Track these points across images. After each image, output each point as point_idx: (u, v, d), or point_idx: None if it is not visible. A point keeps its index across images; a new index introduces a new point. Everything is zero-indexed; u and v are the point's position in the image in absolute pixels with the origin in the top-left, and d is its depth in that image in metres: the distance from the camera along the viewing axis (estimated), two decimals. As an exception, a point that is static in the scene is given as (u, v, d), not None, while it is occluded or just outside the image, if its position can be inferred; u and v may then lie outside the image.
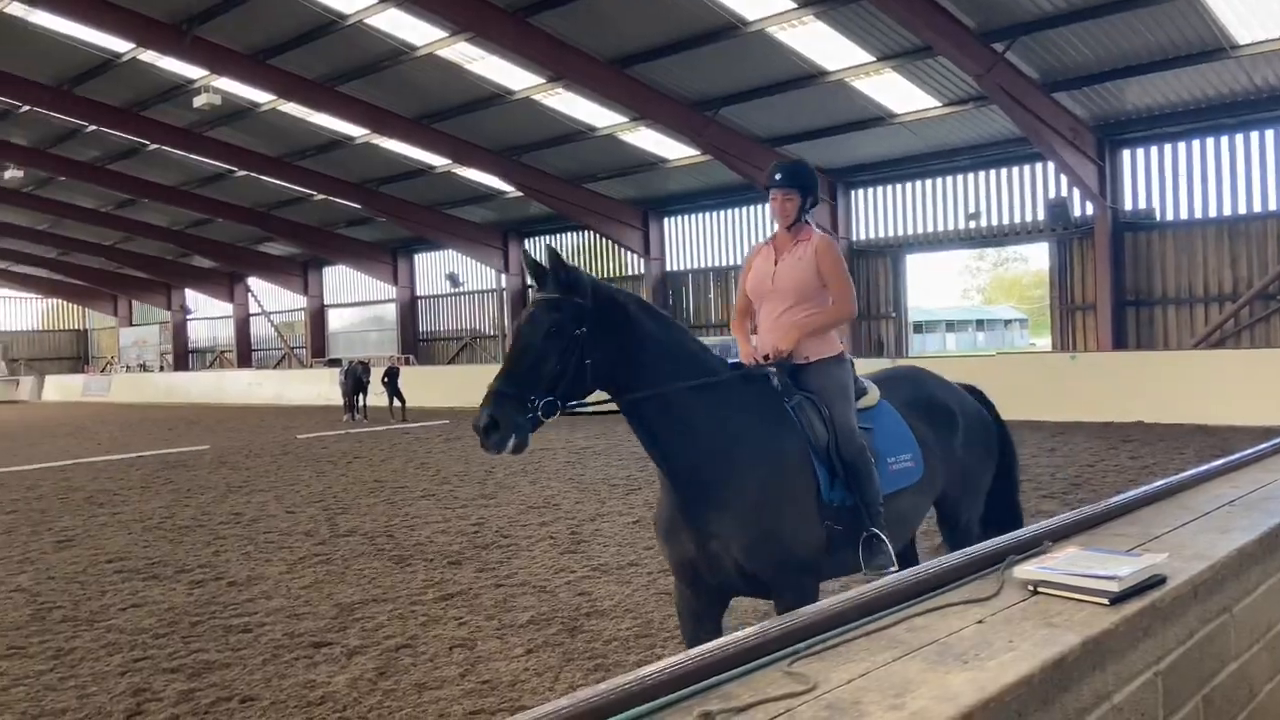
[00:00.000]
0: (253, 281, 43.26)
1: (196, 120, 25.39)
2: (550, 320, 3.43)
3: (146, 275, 45.13)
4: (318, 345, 40.59)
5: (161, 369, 46.38)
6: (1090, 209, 20.69)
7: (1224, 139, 19.57)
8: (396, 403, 24.32)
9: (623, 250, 30.08)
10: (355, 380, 24.99)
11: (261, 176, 29.56)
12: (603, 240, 30.52)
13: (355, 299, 40.15)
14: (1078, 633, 1.94)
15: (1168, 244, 20.29)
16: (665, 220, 29.17)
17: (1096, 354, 19.63)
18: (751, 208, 27.09)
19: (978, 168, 22.83)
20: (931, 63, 18.51)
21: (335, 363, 33.60)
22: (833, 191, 24.64)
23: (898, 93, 20.13)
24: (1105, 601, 2.09)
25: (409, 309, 37.32)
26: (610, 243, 30.14)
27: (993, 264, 78.53)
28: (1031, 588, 2.22)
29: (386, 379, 24.55)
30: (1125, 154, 20.64)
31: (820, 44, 18.52)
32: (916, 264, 29.40)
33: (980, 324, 76.65)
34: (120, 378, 44.44)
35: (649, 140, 24.20)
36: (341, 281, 40.34)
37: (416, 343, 36.93)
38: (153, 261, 43.24)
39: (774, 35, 18.23)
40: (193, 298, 46.89)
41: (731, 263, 27.53)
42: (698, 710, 1.63)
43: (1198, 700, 2.28)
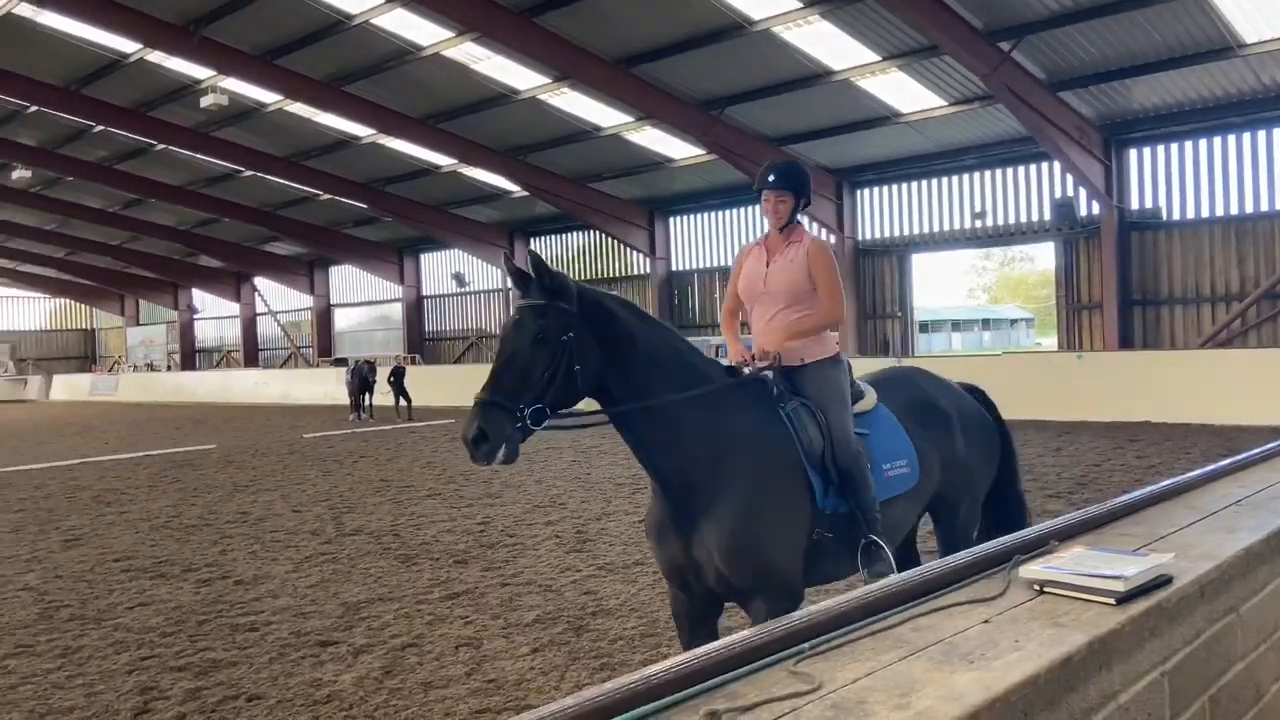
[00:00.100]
0: (259, 281, 43.37)
1: (204, 120, 25.46)
2: (536, 326, 3.37)
3: (154, 275, 45.25)
4: (324, 345, 40.67)
5: (169, 368, 46.48)
6: (1096, 208, 20.65)
7: (1231, 138, 19.51)
8: (402, 402, 24.36)
9: (628, 250, 30.08)
10: (361, 380, 25.05)
11: (268, 176, 29.61)
12: (608, 240, 30.52)
13: (361, 298, 40.22)
14: (1084, 633, 1.93)
15: (1174, 243, 20.23)
16: (671, 220, 29.18)
17: (1103, 353, 19.58)
18: (757, 207, 26.50)
19: (984, 167, 22.80)
20: (937, 62, 18.49)
21: (341, 362, 33.64)
22: (839, 191, 24.63)
23: (903, 92, 20.10)
24: (1112, 601, 2.08)
25: (415, 308, 37.36)
26: (616, 242, 30.14)
27: (999, 263, 78.50)
28: (1038, 587, 2.22)
29: (392, 378, 24.58)
30: (1132, 153, 20.58)
31: (826, 43, 18.50)
32: (922, 263, 29.37)
33: (986, 323, 76.55)
34: (127, 377, 44.55)
35: (655, 140, 24.20)
36: (348, 281, 40.42)
37: (422, 342, 36.98)
38: (160, 261, 43.36)
39: (780, 35, 18.21)
40: (200, 297, 47.00)
41: (737, 262, 27.45)
42: (703, 709, 1.63)
43: (1204, 701, 2.27)
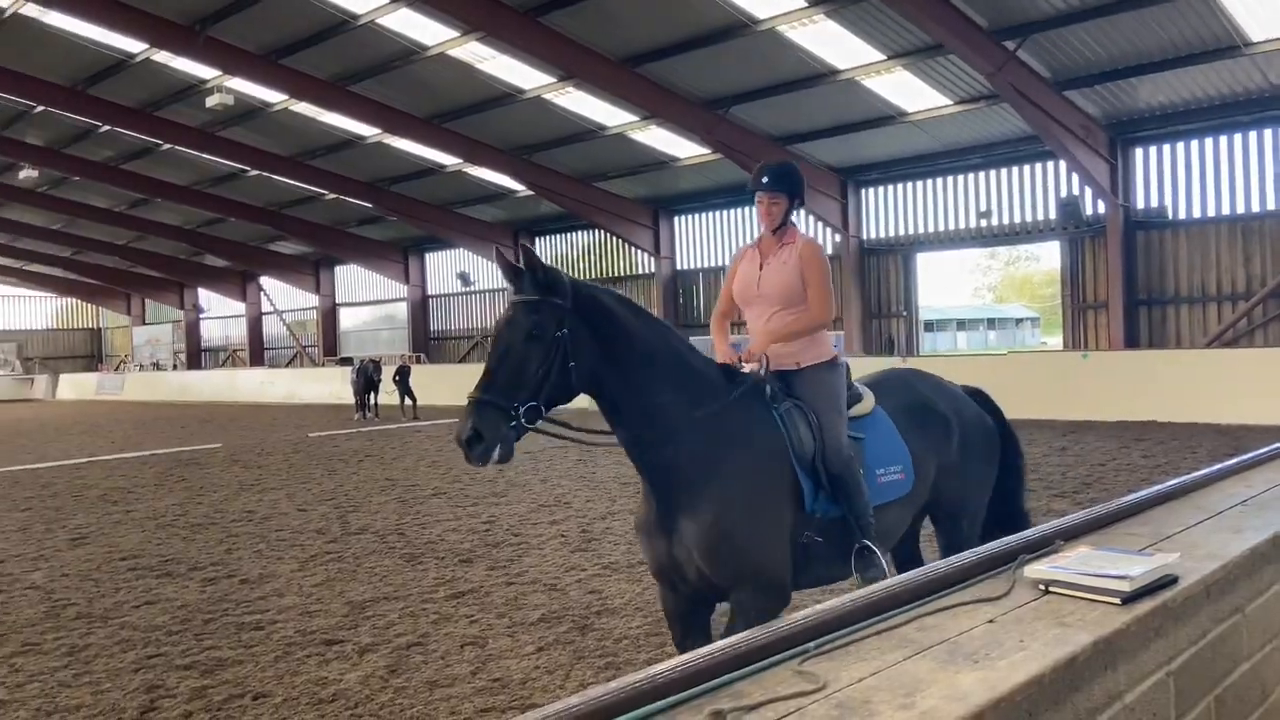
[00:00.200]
0: (265, 280, 43.41)
1: (209, 120, 25.48)
2: (530, 323, 3.33)
3: (160, 274, 45.31)
4: (329, 344, 40.71)
5: (175, 367, 46.57)
6: (1102, 207, 20.59)
7: (1237, 137, 19.44)
8: (408, 401, 24.38)
9: (633, 249, 30.06)
10: (367, 379, 25.07)
11: (274, 176, 29.63)
12: (613, 239, 30.50)
13: (367, 298, 40.24)
14: (1089, 632, 1.93)
15: (1180, 242, 20.17)
16: (675, 219, 29.15)
17: (1108, 353, 19.53)
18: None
19: (989, 166, 22.74)
20: (943, 61, 18.45)
21: (347, 361, 33.64)
22: (843, 190, 24.58)
23: (909, 91, 20.05)
24: (1117, 601, 2.08)
25: (420, 308, 37.39)
26: (621, 241, 30.13)
27: (1004, 262, 78.26)
28: (1043, 587, 2.22)
29: (397, 377, 24.59)
30: (1137, 152, 20.52)
31: (831, 42, 18.47)
32: (928, 262, 29.25)
33: (991, 323, 76.48)
34: (134, 376, 44.66)
35: (659, 139, 24.17)
36: (353, 280, 40.44)
37: (428, 341, 37.00)
38: (166, 261, 43.42)
39: (784, 34, 18.18)
40: (205, 297, 47.07)
41: (742, 262, 27.47)
42: (708, 709, 1.63)
43: (1210, 700, 2.27)
